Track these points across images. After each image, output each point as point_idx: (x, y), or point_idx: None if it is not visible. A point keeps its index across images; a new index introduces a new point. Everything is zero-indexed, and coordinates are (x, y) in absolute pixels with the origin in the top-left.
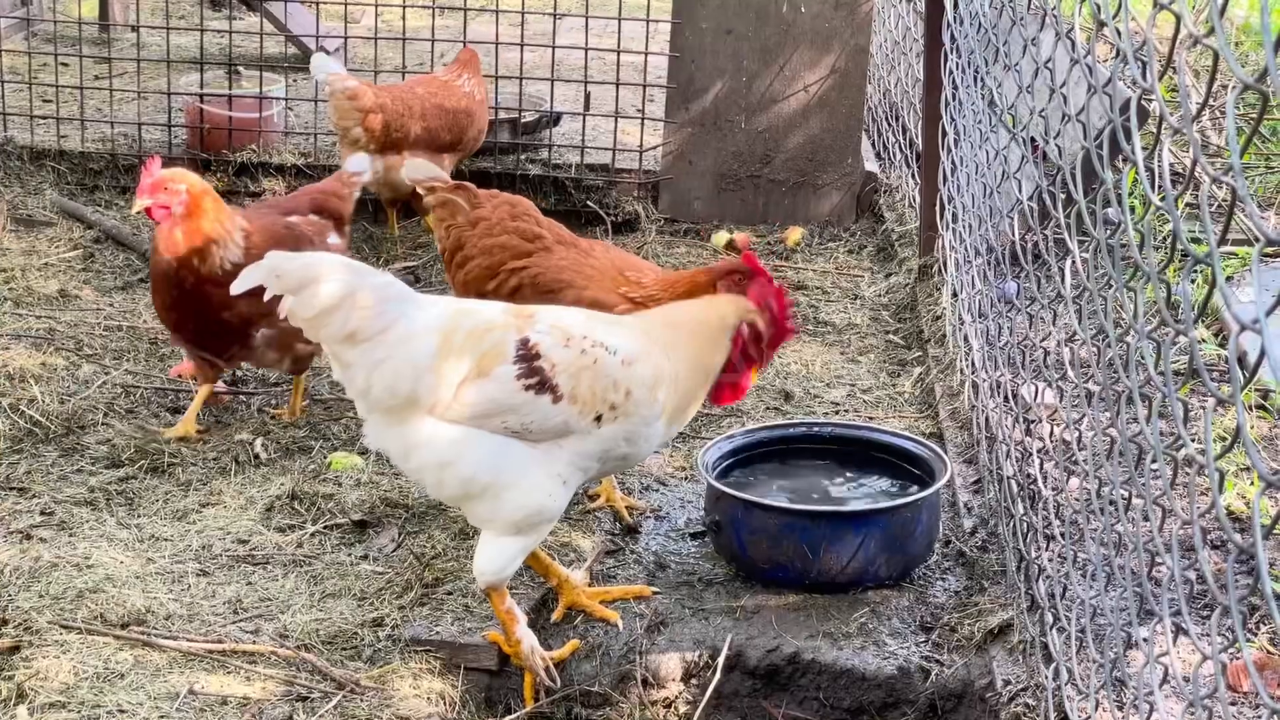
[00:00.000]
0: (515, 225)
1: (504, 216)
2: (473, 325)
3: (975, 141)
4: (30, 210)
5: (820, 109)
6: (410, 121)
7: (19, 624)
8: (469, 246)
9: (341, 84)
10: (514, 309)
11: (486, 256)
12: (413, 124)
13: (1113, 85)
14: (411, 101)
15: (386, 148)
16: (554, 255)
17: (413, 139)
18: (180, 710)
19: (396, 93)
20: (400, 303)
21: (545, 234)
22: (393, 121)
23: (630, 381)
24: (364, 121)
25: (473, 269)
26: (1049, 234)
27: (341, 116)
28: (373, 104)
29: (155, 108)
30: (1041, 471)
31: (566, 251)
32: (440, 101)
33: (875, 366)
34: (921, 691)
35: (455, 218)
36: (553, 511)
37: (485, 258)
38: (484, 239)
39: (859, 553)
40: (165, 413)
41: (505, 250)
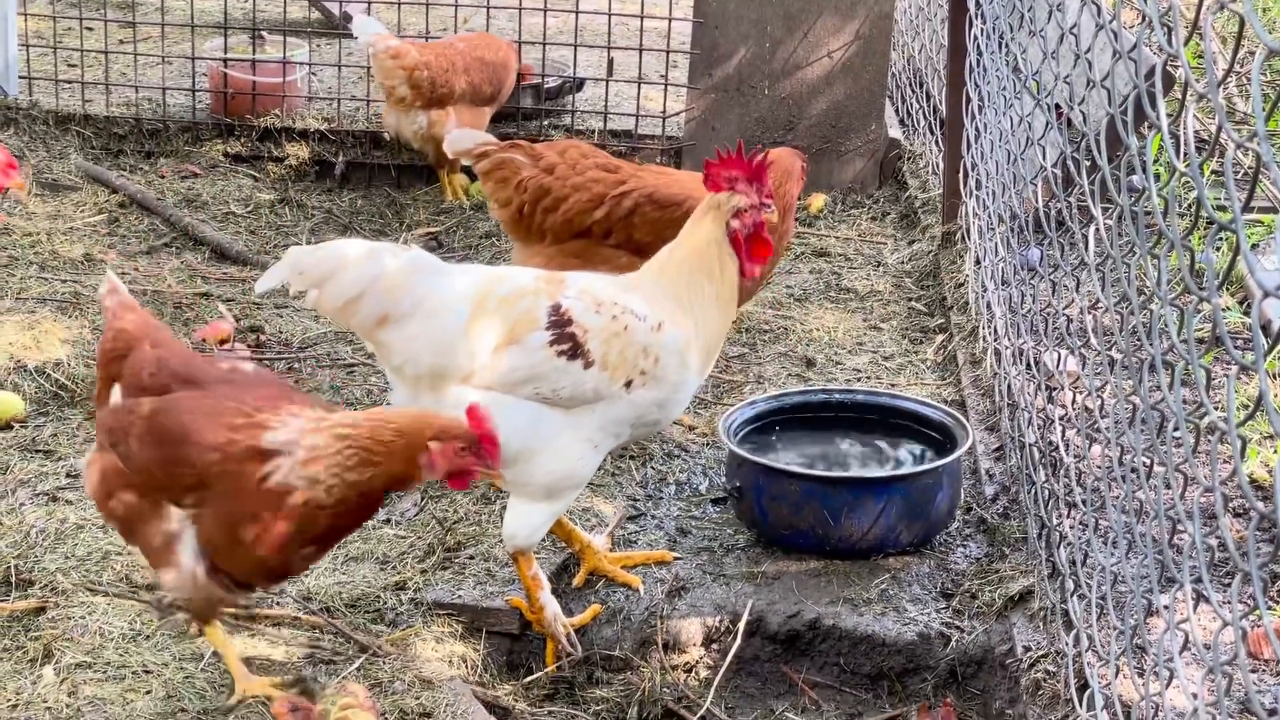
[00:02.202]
0: (595, 160)
1: (577, 156)
2: (505, 292)
3: (999, 108)
4: (55, 175)
5: (844, 75)
6: (454, 77)
7: (45, 585)
8: (558, 189)
9: (384, 44)
10: (545, 275)
11: (583, 191)
12: (457, 79)
13: (1138, 51)
14: (454, 57)
15: (431, 104)
16: (649, 175)
17: (457, 94)
18: (205, 671)
19: (439, 49)
20: (429, 275)
21: (622, 163)
22: (438, 78)
23: (660, 347)
24: (410, 79)
25: (573, 204)
26: (1073, 201)
27: (386, 76)
28: (417, 61)
29: (179, 72)
30: (1063, 438)
31: (652, 173)
32: (481, 54)
33: (897, 333)
34: (942, 657)
35: (520, 172)
36: (582, 476)
37: (582, 192)
38: (573, 177)
39: (880, 519)
40: None
41: (600, 181)
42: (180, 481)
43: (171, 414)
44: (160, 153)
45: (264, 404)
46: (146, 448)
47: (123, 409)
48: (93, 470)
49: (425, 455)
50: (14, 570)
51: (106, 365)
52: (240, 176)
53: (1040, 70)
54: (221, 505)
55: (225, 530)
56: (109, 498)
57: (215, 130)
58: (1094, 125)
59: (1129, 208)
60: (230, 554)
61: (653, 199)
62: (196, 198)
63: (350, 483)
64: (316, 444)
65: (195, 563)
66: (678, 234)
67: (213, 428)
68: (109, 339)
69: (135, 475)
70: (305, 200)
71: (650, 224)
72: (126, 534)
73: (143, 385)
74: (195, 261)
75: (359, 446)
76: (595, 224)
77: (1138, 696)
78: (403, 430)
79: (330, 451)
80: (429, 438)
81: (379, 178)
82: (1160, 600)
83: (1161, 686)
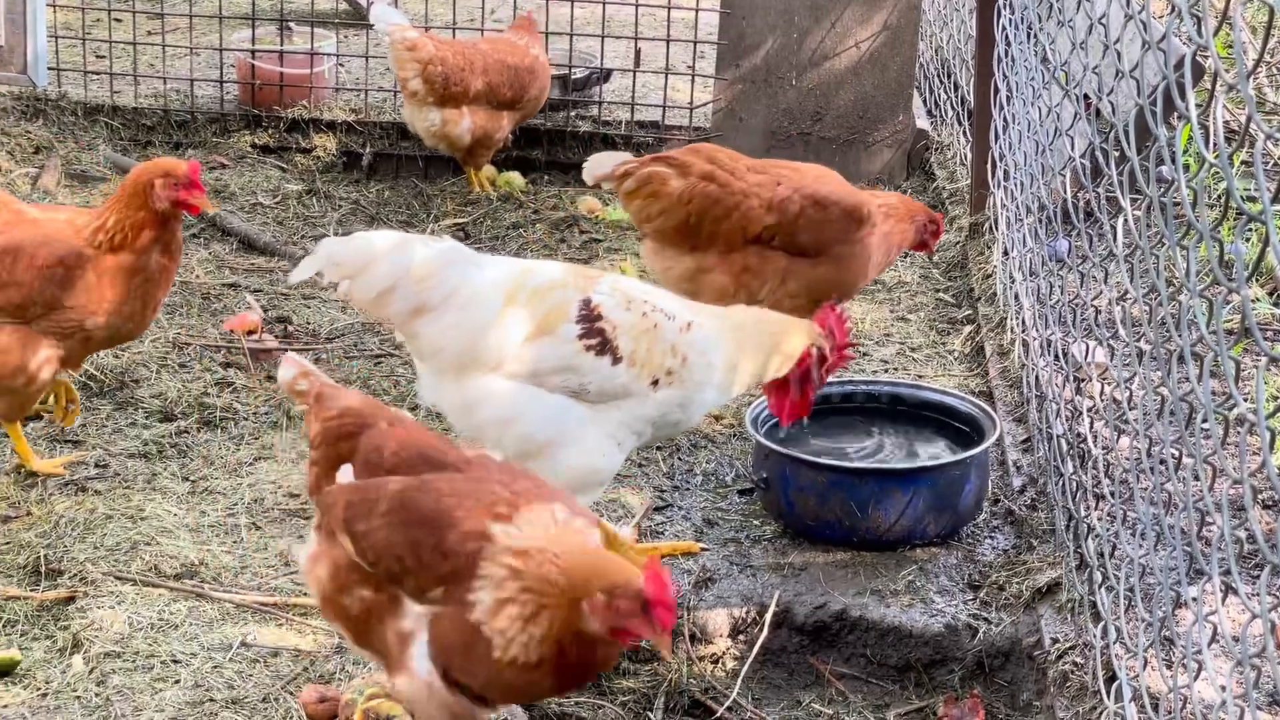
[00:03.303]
0: (745, 163)
1: (726, 160)
2: (537, 284)
3: (1028, 98)
4: (84, 165)
5: (872, 66)
6: (471, 76)
7: (74, 575)
8: (726, 197)
9: (401, 34)
10: (578, 270)
11: (752, 197)
12: (473, 79)
13: (1167, 41)
14: (473, 56)
15: (446, 101)
16: (787, 172)
17: (473, 94)
18: (233, 661)
19: (459, 47)
20: (462, 266)
21: (764, 164)
22: (452, 75)
23: (688, 348)
24: (423, 73)
25: (745, 211)
26: (1101, 192)
27: (401, 67)
28: (432, 56)
29: (207, 64)
30: (1091, 430)
31: (786, 169)
32: (503, 57)
33: (925, 324)
34: (969, 649)
35: (668, 184)
36: (606, 473)
37: (751, 198)
38: (736, 182)
39: (907, 510)
40: (218, 367)
41: (763, 185)
42: (432, 569)
43: (428, 494)
44: (188, 144)
45: (523, 494)
46: (395, 529)
47: (366, 485)
48: (320, 564)
49: (590, 603)
50: (43, 560)
51: (334, 444)
52: (268, 167)
53: (1069, 60)
54: (464, 607)
55: (461, 639)
56: (342, 593)
57: (243, 121)
58: (1123, 116)
59: (1158, 199)
60: (468, 661)
61: (814, 200)
62: (224, 189)
63: (541, 639)
64: (500, 584)
65: (429, 671)
66: (832, 234)
67: (475, 513)
68: (333, 416)
69: (373, 560)
70: (332, 191)
71: (813, 225)
72: (359, 635)
73: (384, 465)
74: (223, 252)
75: (531, 589)
76: (766, 229)
77: (1166, 689)
78: (570, 570)
79: (508, 596)
80: (597, 588)
81: (406, 169)
82: (1189, 592)
83: (1190, 679)
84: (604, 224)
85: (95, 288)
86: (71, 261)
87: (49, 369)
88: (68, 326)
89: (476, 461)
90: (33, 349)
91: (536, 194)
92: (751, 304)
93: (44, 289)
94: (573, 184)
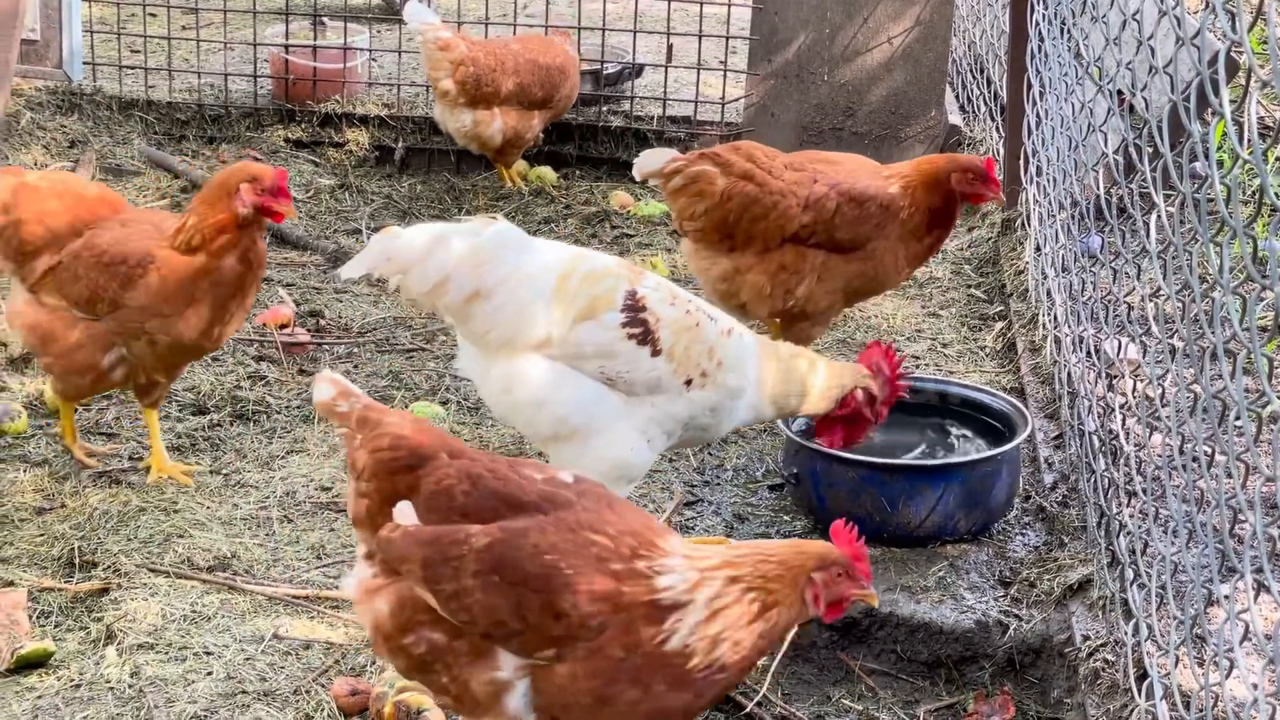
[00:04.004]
0: (782, 160)
1: (764, 158)
2: (589, 269)
3: (1061, 94)
4: (119, 160)
5: (904, 61)
6: (502, 77)
7: (108, 567)
8: (764, 197)
9: (434, 33)
10: (628, 264)
11: (789, 196)
12: (505, 80)
13: (1201, 37)
14: (505, 56)
15: (477, 102)
16: (825, 167)
17: (504, 95)
18: (265, 653)
19: (490, 47)
20: (516, 249)
21: (800, 159)
22: (484, 76)
23: (725, 352)
24: (454, 74)
25: (782, 210)
26: (1134, 188)
27: (433, 66)
28: (464, 56)
29: (241, 58)
30: (1124, 427)
31: (829, 166)
32: (535, 57)
33: (956, 320)
34: (1000, 646)
35: (714, 184)
36: (635, 468)
37: (789, 197)
38: (774, 181)
39: (938, 507)
40: (250, 361)
41: (800, 184)
42: (544, 632)
43: (527, 551)
44: (222, 138)
45: (633, 539)
46: (494, 591)
47: (445, 538)
48: (379, 600)
49: (810, 588)
50: (78, 551)
51: (389, 478)
52: (301, 162)
53: (1102, 56)
54: (592, 664)
55: (591, 691)
56: (404, 633)
57: (276, 116)
58: (1156, 112)
59: (1191, 195)
60: (584, 715)
61: (850, 197)
62: None
63: (761, 634)
64: (714, 595)
65: (525, 710)
66: (869, 229)
67: (591, 572)
68: (386, 448)
69: (465, 620)
70: (365, 185)
71: (850, 222)
72: (420, 671)
73: (456, 508)
74: None
75: (756, 589)
76: (803, 228)
77: (1197, 686)
78: (786, 562)
79: (731, 602)
80: (811, 568)
81: (438, 163)
82: (1220, 590)
83: (1221, 676)
84: (635, 219)
85: (159, 290)
86: (135, 260)
87: (120, 371)
88: (131, 327)
89: (556, 497)
90: (102, 347)
91: (568, 189)
92: (789, 301)
93: (106, 286)
94: (604, 179)
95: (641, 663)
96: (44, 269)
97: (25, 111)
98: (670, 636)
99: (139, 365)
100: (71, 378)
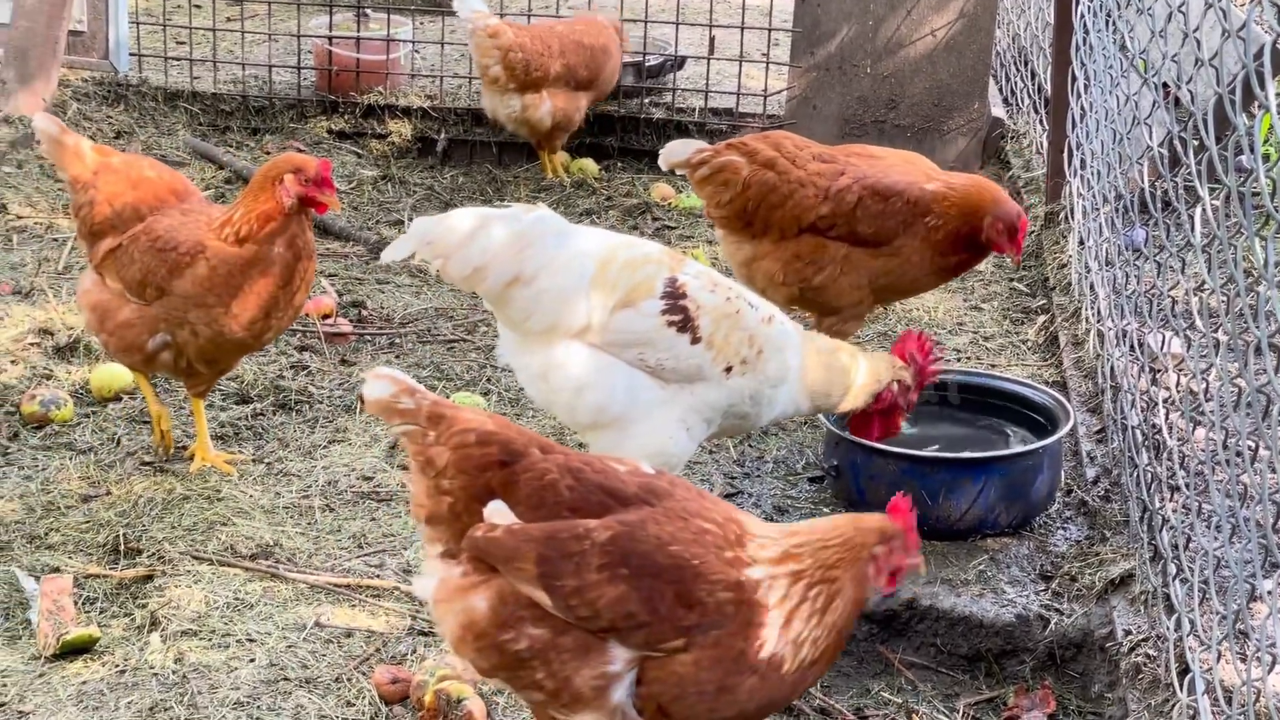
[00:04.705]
0: (811, 150)
1: (792, 148)
2: (630, 256)
3: (1106, 86)
4: (164, 151)
5: (947, 53)
6: (549, 60)
7: (153, 554)
8: (782, 185)
9: (483, 21)
10: (669, 250)
11: (808, 187)
12: (552, 62)
13: (1247, 30)
14: (550, 39)
15: (525, 87)
16: (861, 161)
17: (552, 77)
18: (307, 641)
19: (536, 31)
20: (557, 236)
21: (834, 151)
22: (532, 60)
23: (766, 339)
24: (504, 60)
25: (799, 200)
26: (1179, 181)
27: (482, 54)
28: (512, 42)
29: (285, 50)
30: (1167, 421)
31: (860, 157)
32: (579, 38)
33: (998, 314)
34: (1040, 640)
35: (739, 173)
36: (674, 457)
37: (807, 188)
38: (795, 171)
39: (978, 500)
40: (293, 351)
41: (821, 174)
42: (675, 622)
43: (652, 543)
44: (266, 129)
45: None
46: (621, 583)
47: (560, 535)
48: (475, 598)
49: (873, 564)
50: (122, 539)
51: (479, 474)
52: (343, 153)
53: (1147, 48)
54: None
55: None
56: (503, 630)
57: (320, 107)
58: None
59: (1236, 188)
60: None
61: (874, 191)
62: None
63: (831, 625)
64: (782, 597)
65: (626, 702)
66: (894, 225)
67: (713, 560)
68: (474, 442)
69: (586, 615)
70: (407, 177)
71: (873, 217)
72: (511, 669)
73: (562, 501)
74: None
75: (818, 582)
76: (821, 219)
77: (1239, 681)
78: (848, 543)
79: (798, 602)
80: (874, 545)
81: (480, 155)
82: (1264, 585)
83: (1264, 672)
84: (677, 211)
85: (205, 279)
86: (186, 249)
87: (167, 355)
88: (175, 315)
89: (654, 487)
90: (149, 329)
91: (610, 180)
92: (805, 290)
93: (155, 271)
94: (646, 171)
95: (753, 655)
96: (106, 250)
97: (72, 102)
98: (765, 645)
99: (182, 353)
100: (122, 356)
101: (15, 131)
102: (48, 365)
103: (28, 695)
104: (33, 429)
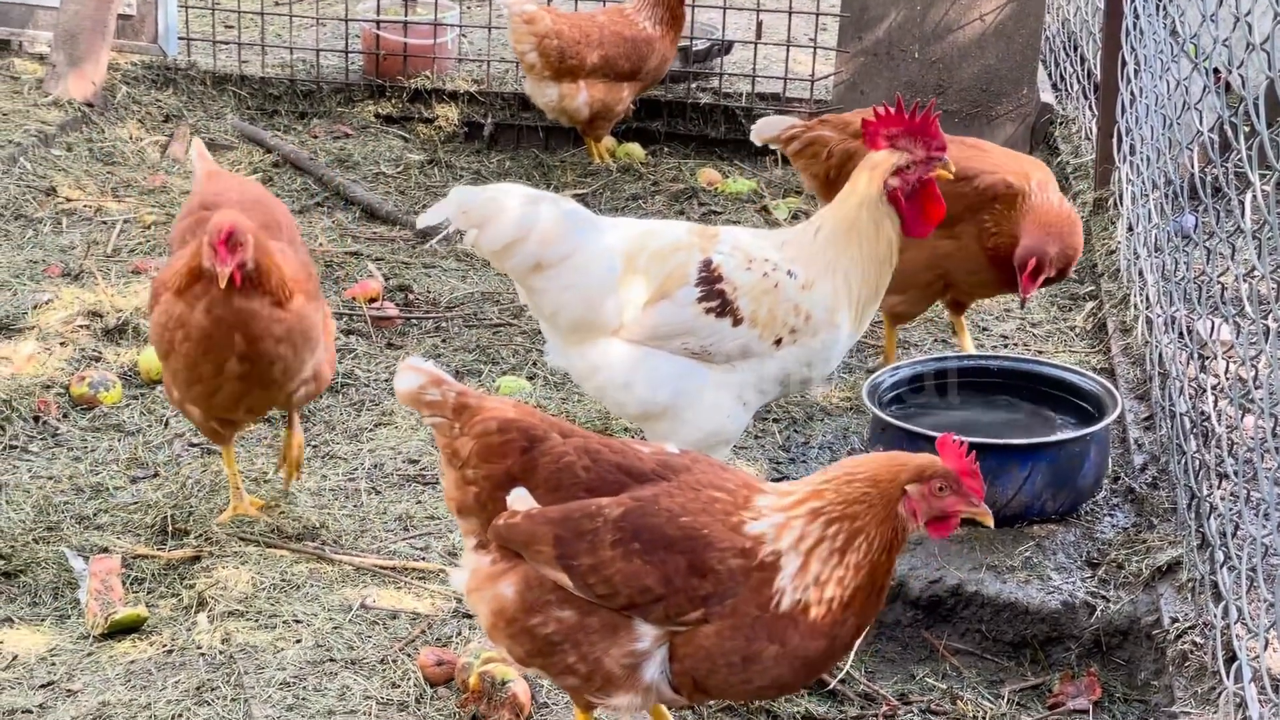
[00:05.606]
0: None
1: None
2: (657, 246)
3: (1156, 72)
4: (212, 134)
5: (996, 38)
6: (586, 50)
7: (200, 535)
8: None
9: (520, 7)
10: (698, 229)
11: None
12: (589, 52)
13: None
14: (590, 29)
15: (562, 75)
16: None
17: (589, 67)
18: (353, 622)
19: (576, 20)
20: (584, 228)
21: None
22: (568, 49)
23: (810, 305)
24: (538, 46)
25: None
26: (1230, 166)
27: (518, 40)
28: (548, 29)
29: (333, 34)
30: (1215, 408)
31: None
32: (620, 29)
33: (1046, 300)
34: (1086, 627)
35: (829, 144)
36: (731, 433)
37: None
38: None
39: (1025, 486)
40: (339, 334)
41: None
42: (691, 593)
43: (663, 515)
44: (313, 113)
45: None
46: (636, 558)
47: (574, 515)
48: (503, 585)
49: (905, 503)
50: (170, 520)
51: (500, 461)
52: (390, 137)
53: (1198, 33)
54: (735, 620)
55: (737, 650)
56: (532, 614)
57: (367, 91)
58: (1253, 89)
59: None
60: (731, 677)
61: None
62: (348, 158)
63: (857, 565)
64: (799, 537)
65: (660, 679)
66: (961, 208)
67: (720, 527)
68: (495, 430)
69: (605, 593)
70: (454, 161)
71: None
72: (544, 654)
73: (582, 484)
74: (346, 221)
75: (837, 518)
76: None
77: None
78: (875, 478)
79: (815, 540)
80: (905, 481)
81: (527, 139)
82: None
83: None
84: (723, 196)
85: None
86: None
87: None
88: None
89: (672, 463)
90: None
91: (656, 165)
92: None
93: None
94: (692, 156)
95: (771, 617)
96: None
97: (121, 86)
98: (782, 596)
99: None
100: None
101: (65, 114)
102: (96, 347)
103: (76, 674)
104: (81, 410)
